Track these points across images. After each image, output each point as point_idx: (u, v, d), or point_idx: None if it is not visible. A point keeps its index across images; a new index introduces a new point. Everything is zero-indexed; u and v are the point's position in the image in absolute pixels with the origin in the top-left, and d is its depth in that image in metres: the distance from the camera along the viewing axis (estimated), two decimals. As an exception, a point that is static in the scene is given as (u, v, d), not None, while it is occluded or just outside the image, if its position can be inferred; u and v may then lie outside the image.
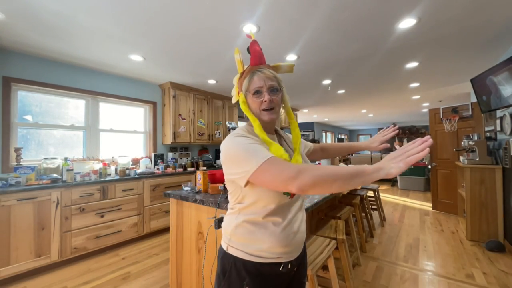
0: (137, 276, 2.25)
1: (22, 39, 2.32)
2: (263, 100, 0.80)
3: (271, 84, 0.81)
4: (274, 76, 0.83)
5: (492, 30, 2.29)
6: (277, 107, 0.83)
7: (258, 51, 0.87)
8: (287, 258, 0.79)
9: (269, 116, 0.82)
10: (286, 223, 0.78)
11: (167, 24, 2.10)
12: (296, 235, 0.81)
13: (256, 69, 0.84)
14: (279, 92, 0.83)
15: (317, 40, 2.44)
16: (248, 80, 0.83)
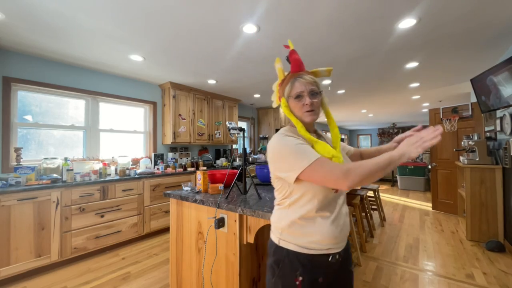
0: (137, 276, 2.25)
1: (22, 39, 2.32)
2: (305, 103, 0.88)
3: (311, 89, 0.88)
4: (314, 81, 0.90)
5: (492, 30, 2.29)
6: (317, 109, 0.91)
7: (298, 59, 0.95)
8: (335, 249, 0.85)
9: (310, 117, 0.89)
10: (333, 217, 0.85)
11: (167, 24, 2.10)
12: (343, 228, 0.88)
13: (297, 75, 0.91)
14: (319, 96, 0.90)
15: (317, 40, 2.44)
16: (290, 86, 0.91)
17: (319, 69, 0.98)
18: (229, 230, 1.44)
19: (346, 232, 0.90)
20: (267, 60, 2.96)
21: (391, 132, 11.85)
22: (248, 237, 1.37)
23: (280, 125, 5.94)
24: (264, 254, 1.64)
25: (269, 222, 1.28)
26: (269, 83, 3.97)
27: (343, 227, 0.88)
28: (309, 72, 0.94)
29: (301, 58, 0.96)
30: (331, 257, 0.84)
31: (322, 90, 0.92)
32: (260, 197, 1.58)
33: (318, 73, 0.97)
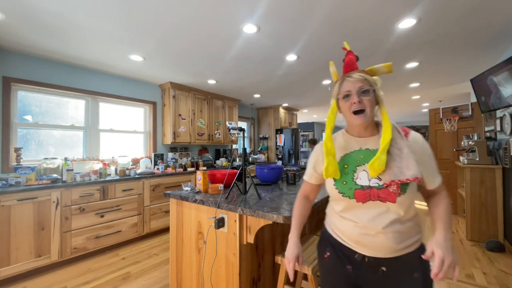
0: (137, 276, 2.25)
1: (22, 39, 2.32)
2: (352, 102, 0.84)
3: (360, 86, 0.83)
4: (364, 78, 0.84)
5: (492, 30, 2.29)
6: (369, 107, 0.83)
7: (350, 59, 0.92)
8: (361, 251, 0.85)
9: (358, 120, 0.85)
10: (362, 223, 0.83)
11: (167, 24, 2.10)
12: (376, 238, 0.81)
13: (346, 75, 0.88)
14: (369, 94, 0.84)
15: (317, 40, 2.44)
16: (338, 86, 0.89)
17: (374, 66, 0.91)
18: (229, 230, 1.44)
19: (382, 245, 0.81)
20: (267, 60, 2.96)
21: (391, 132, 11.83)
22: (248, 237, 1.37)
23: (280, 125, 5.94)
24: (264, 254, 1.64)
25: (269, 222, 1.28)
26: (269, 83, 3.97)
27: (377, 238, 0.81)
28: (362, 70, 0.89)
29: (355, 59, 0.92)
30: (357, 255, 0.86)
31: (375, 88, 0.85)
32: (260, 197, 1.58)
33: (374, 71, 0.91)
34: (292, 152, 5.74)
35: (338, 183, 0.88)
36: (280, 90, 4.45)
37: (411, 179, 0.77)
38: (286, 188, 1.93)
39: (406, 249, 0.81)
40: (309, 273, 1.24)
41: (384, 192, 0.80)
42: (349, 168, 0.88)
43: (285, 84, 4.08)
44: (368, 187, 0.83)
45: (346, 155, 0.92)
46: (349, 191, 0.85)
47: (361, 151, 0.89)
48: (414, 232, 0.83)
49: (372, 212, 0.82)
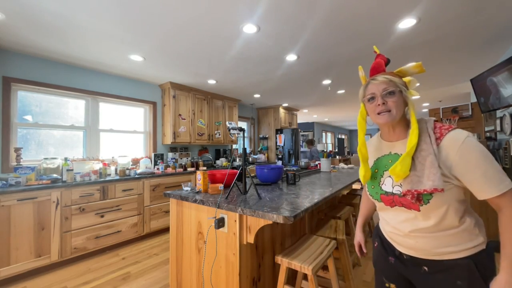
0: (137, 276, 2.25)
1: (22, 39, 2.32)
2: (377, 103, 0.83)
3: (384, 88, 0.82)
4: (390, 80, 0.82)
5: (492, 30, 2.29)
6: (395, 108, 0.81)
7: (377, 62, 0.91)
8: (398, 248, 0.89)
9: (382, 119, 0.82)
10: (393, 223, 0.87)
11: (167, 24, 2.10)
12: (405, 239, 0.84)
13: (371, 78, 0.87)
14: (395, 95, 0.81)
15: (317, 40, 2.44)
16: (363, 89, 0.89)
17: (403, 67, 0.87)
18: (229, 230, 1.44)
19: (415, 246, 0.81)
20: (267, 60, 2.96)
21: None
22: (248, 237, 1.37)
23: (280, 125, 5.94)
24: (264, 254, 1.64)
25: (269, 222, 1.28)
26: (269, 83, 3.97)
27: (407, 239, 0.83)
28: (390, 72, 0.86)
29: (383, 62, 0.90)
30: (395, 250, 0.90)
31: (402, 89, 0.82)
32: (260, 197, 1.58)
33: (403, 72, 0.87)
34: (292, 152, 5.74)
35: (369, 186, 0.92)
36: (280, 90, 4.45)
37: (428, 190, 0.72)
38: (286, 188, 1.93)
39: (449, 255, 0.77)
40: (309, 273, 1.23)
41: (406, 200, 0.79)
42: (379, 172, 0.90)
43: (285, 84, 4.08)
44: (391, 193, 0.83)
45: (378, 159, 0.93)
46: (376, 195, 0.88)
47: (390, 156, 0.89)
48: (463, 239, 0.76)
49: (400, 216, 0.83)
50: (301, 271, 1.27)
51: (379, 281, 1.00)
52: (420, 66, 0.84)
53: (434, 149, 0.75)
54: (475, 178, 0.71)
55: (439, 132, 0.77)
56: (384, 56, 0.94)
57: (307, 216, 2.19)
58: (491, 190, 0.70)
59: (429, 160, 0.74)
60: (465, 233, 0.76)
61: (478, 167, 0.70)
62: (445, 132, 0.76)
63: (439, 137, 0.77)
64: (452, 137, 0.74)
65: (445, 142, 0.75)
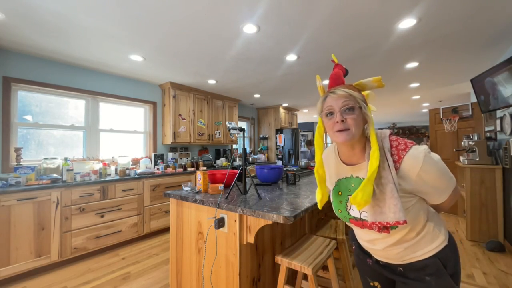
0: (137, 276, 2.25)
1: (22, 39, 2.32)
2: (335, 120, 0.77)
3: (343, 102, 0.76)
4: (350, 94, 0.77)
5: (492, 30, 2.29)
6: (354, 127, 0.75)
7: (335, 73, 0.86)
8: (373, 255, 0.92)
9: (340, 138, 0.77)
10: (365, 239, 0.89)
11: (167, 24, 2.10)
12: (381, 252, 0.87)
13: (330, 91, 0.82)
14: (354, 111, 0.76)
15: (317, 40, 2.44)
16: (321, 102, 0.83)
17: (362, 80, 0.82)
18: (229, 230, 1.44)
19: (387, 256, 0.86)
20: (267, 60, 2.96)
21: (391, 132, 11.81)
22: (248, 237, 1.37)
23: (280, 125, 5.94)
24: (264, 254, 1.64)
25: (269, 222, 1.28)
26: (269, 83, 3.97)
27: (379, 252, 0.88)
28: (349, 85, 0.82)
29: (341, 73, 0.86)
30: (372, 256, 0.94)
31: (362, 105, 0.77)
32: (260, 197, 1.58)
33: (362, 85, 0.83)
34: (292, 152, 5.74)
35: (336, 209, 0.89)
36: (280, 90, 4.45)
37: (391, 223, 0.72)
38: (286, 188, 1.93)
39: (418, 257, 0.81)
40: (309, 273, 1.23)
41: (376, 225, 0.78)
42: (343, 196, 0.86)
43: (285, 84, 4.08)
44: (360, 219, 0.81)
45: (339, 180, 0.88)
46: (345, 219, 0.87)
47: (352, 179, 0.84)
48: (427, 243, 0.80)
49: (372, 235, 0.84)
50: (301, 271, 1.27)
51: (364, 280, 1.03)
52: (379, 81, 0.82)
53: (393, 176, 0.72)
54: (431, 192, 0.77)
55: (396, 154, 0.75)
56: (342, 66, 0.89)
57: (307, 216, 2.19)
58: (442, 198, 0.79)
59: (389, 190, 0.72)
60: (428, 236, 0.80)
61: (439, 180, 0.75)
62: (403, 154, 0.74)
63: (397, 160, 0.74)
64: (410, 159, 0.73)
65: (404, 166, 0.74)
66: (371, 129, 0.77)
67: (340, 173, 0.88)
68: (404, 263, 0.84)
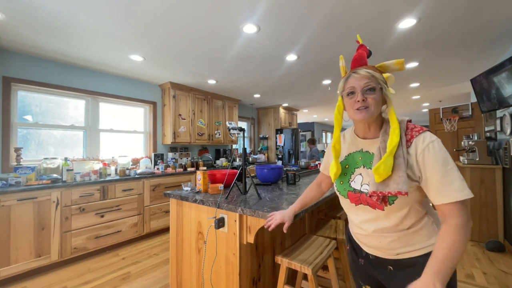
0: (137, 276, 2.25)
1: (22, 39, 2.32)
2: (356, 99, 0.79)
3: (366, 83, 0.78)
4: (372, 75, 0.78)
5: (492, 30, 2.29)
6: (373, 106, 0.78)
7: (359, 53, 0.87)
8: (365, 249, 0.90)
9: (359, 115, 0.79)
10: (356, 222, 0.88)
11: (167, 24, 2.10)
12: (369, 239, 0.86)
13: (352, 71, 0.83)
14: (375, 92, 0.78)
15: (317, 40, 2.44)
16: (344, 82, 0.84)
17: (385, 62, 0.85)
18: (229, 230, 1.44)
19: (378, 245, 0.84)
20: (267, 60, 2.96)
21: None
22: (248, 237, 1.37)
23: (280, 125, 5.94)
24: (264, 254, 1.64)
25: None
26: (269, 83, 3.97)
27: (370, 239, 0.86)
28: (372, 66, 0.83)
29: (365, 54, 0.86)
30: (363, 252, 0.92)
31: (383, 86, 0.80)
32: (260, 197, 1.58)
33: (385, 67, 0.85)
34: (292, 152, 5.74)
35: (338, 181, 0.90)
36: (280, 90, 4.45)
37: (393, 193, 0.72)
38: (286, 188, 1.93)
39: (409, 253, 0.79)
40: (309, 273, 1.23)
41: (371, 200, 0.79)
42: (349, 168, 0.88)
43: (285, 84, 4.08)
44: (359, 191, 0.83)
45: (349, 154, 0.91)
46: (344, 191, 0.87)
47: (361, 153, 0.87)
48: (421, 238, 0.78)
49: (364, 216, 0.84)
50: (301, 271, 1.27)
51: (356, 283, 1.02)
52: (401, 63, 0.83)
53: (403, 152, 0.75)
54: (433, 181, 0.71)
55: (409, 134, 0.78)
56: (366, 47, 0.89)
57: (307, 216, 2.19)
58: (447, 197, 0.68)
59: (398, 163, 0.74)
60: (424, 231, 0.78)
61: (437, 170, 0.70)
62: (415, 135, 0.77)
63: (409, 139, 0.77)
64: (420, 139, 0.75)
65: (413, 145, 0.76)
66: (390, 108, 0.80)
67: (352, 147, 0.91)
68: (395, 258, 0.81)
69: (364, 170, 0.84)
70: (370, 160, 0.83)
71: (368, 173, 0.82)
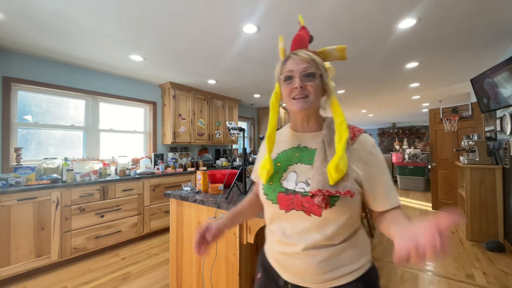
0: (137, 276, 2.25)
1: (22, 39, 2.32)
2: (293, 86, 0.69)
3: (305, 67, 0.68)
4: (312, 59, 0.69)
5: (492, 30, 2.29)
6: (313, 95, 0.69)
7: (300, 35, 0.77)
8: (283, 275, 0.71)
9: (297, 105, 0.69)
10: (283, 237, 0.69)
11: (167, 24, 2.10)
12: (295, 260, 0.67)
13: (292, 52, 0.74)
14: (315, 78, 0.69)
15: (317, 40, 2.43)
16: (281, 65, 0.75)
17: (326, 48, 0.76)
18: (229, 230, 1.44)
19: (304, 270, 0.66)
20: (267, 60, 2.96)
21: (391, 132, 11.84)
22: (248, 237, 1.37)
23: (280, 125, 5.94)
24: (264, 254, 1.64)
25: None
26: (269, 83, 3.97)
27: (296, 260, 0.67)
28: (313, 51, 0.73)
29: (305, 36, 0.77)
30: (280, 280, 0.71)
31: (323, 72, 0.71)
32: (260, 197, 1.58)
33: (326, 53, 0.76)
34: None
35: (266, 183, 0.74)
36: (280, 90, 4.45)
37: (341, 193, 0.61)
38: (286, 188, 1.93)
39: (340, 279, 0.65)
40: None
41: (309, 201, 0.64)
42: (281, 166, 0.74)
43: (285, 84, 4.07)
44: (293, 191, 0.68)
45: (283, 151, 0.78)
46: (273, 193, 0.70)
47: (298, 149, 0.75)
48: (354, 257, 0.67)
49: (296, 226, 0.67)
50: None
51: None
52: (343, 50, 0.76)
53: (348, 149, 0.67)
54: (379, 184, 0.67)
55: (351, 132, 0.70)
56: (307, 30, 0.79)
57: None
58: (390, 203, 0.66)
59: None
60: (354, 250, 0.67)
61: (384, 173, 0.68)
62: (358, 133, 0.71)
63: (352, 137, 0.70)
64: (365, 139, 0.70)
65: (357, 143, 0.69)
66: (333, 100, 0.70)
67: (286, 145, 0.79)
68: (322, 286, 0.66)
69: (300, 167, 0.71)
70: (308, 156, 0.72)
71: (305, 170, 0.70)
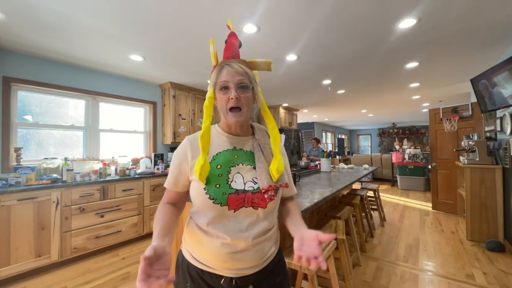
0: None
1: (22, 39, 2.32)
2: (230, 97, 0.74)
3: (240, 80, 0.74)
4: (245, 72, 0.76)
5: (492, 30, 2.29)
6: (245, 107, 0.76)
7: (232, 43, 0.81)
8: (229, 274, 0.74)
9: (233, 119, 0.76)
10: (230, 239, 0.72)
11: (167, 24, 2.10)
12: (244, 254, 0.72)
13: (226, 62, 0.78)
14: (248, 90, 0.76)
15: (317, 40, 2.44)
16: (216, 73, 0.77)
17: (256, 59, 0.83)
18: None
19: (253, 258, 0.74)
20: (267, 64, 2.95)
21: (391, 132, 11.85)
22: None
23: (280, 125, 5.94)
24: (264, 254, 1.64)
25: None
26: (269, 83, 3.97)
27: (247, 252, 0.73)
28: (243, 61, 0.79)
29: (237, 44, 0.82)
30: (223, 280, 0.74)
31: (255, 85, 0.79)
32: (260, 197, 1.58)
33: (255, 64, 0.83)
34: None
35: (210, 186, 0.73)
36: (280, 90, 4.45)
37: (283, 185, 0.79)
38: (286, 188, 1.93)
39: (269, 258, 0.79)
40: (309, 273, 1.23)
41: (258, 197, 0.74)
42: (223, 169, 0.76)
43: (285, 84, 4.08)
44: (243, 191, 0.73)
45: (218, 153, 0.80)
46: (222, 197, 0.72)
47: (235, 151, 0.81)
48: (276, 238, 0.84)
49: (244, 221, 0.73)
50: (301, 271, 1.27)
51: None
52: (269, 64, 0.85)
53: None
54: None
55: None
56: (236, 36, 0.84)
57: (307, 216, 2.19)
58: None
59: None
60: (276, 233, 0.84)
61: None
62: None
63: None
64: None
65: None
66: (262, 108, 0.83)
67: (221, 145, 0.81)
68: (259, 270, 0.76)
69: (242, 168, 0.78)
70: (246, 157, 0.81)
71: (248, 170, 0.78)
